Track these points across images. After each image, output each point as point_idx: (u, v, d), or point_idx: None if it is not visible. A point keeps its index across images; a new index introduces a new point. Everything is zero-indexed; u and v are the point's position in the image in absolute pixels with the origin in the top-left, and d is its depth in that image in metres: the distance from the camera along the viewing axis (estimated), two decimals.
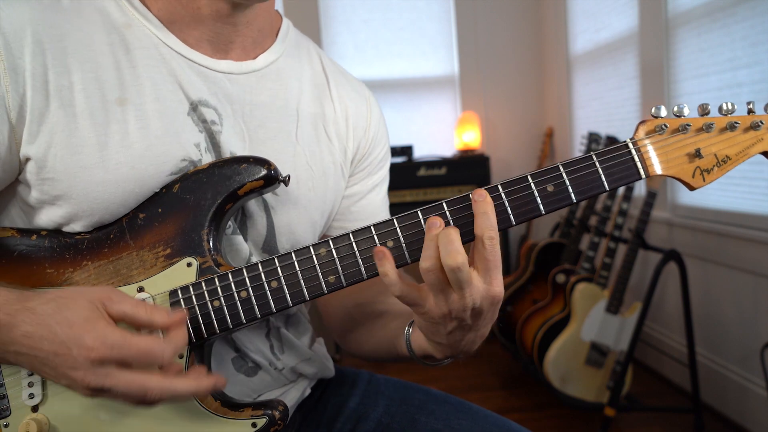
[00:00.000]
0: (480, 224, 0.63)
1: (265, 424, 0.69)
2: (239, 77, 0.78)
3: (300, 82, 0.85)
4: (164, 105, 0.72)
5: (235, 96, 0.77)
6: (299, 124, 0.82)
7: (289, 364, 0.85)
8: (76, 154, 0.67)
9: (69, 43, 0.68)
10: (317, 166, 0.83)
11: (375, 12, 3.62)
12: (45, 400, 0.69)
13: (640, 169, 0.67)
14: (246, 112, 0.78)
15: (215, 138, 0.75)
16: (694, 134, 0.68)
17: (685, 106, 0.67)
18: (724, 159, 0.68)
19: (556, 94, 3.61)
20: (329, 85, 0.88)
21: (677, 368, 2.50)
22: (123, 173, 0.69)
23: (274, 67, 0.82)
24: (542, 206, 0.67)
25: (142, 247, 0.70)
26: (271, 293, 0.69)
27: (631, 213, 2.45)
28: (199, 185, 0.71)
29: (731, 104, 0.68)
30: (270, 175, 0.71)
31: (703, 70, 2.28)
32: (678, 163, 0.68)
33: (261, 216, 0.78)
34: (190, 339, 0.69)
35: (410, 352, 0.75)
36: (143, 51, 0.72)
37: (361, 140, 0.90)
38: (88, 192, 0.68)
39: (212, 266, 0.70)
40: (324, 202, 0.85)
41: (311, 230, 0.84)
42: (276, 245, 0.80)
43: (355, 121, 0.89)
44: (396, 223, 0.68)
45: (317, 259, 0.69)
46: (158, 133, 0.71)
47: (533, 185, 0.67)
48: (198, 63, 0.75)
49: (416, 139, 3.62)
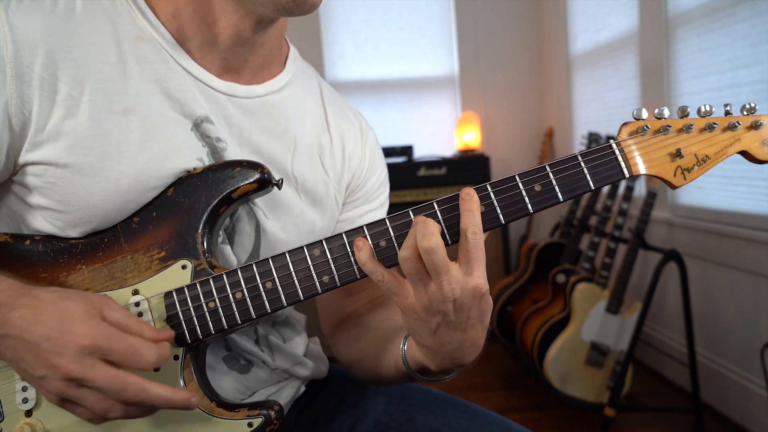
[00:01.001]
0: (465, 220, 0.64)
1: (261, 424, 0.69)
2: (242, 101, 0.78)
3: (302, 112, 0.85)
4: (168, 119, 0.72)
5: (235, 119, 0.78)
6: (296, 152, 0.83)
7: (282, 366, 0.86)
8: (78, 163, 0.68)
9: (79, 54, 0.68)
10: (308, 194, 0.84)
11: (375, 12, 3.62)
12: (39, 404, 0.69)
13: (624, 168, 0.69)
14: (243, 136, 0.78)
15: (219, 154, 0.75)
16: (675, 135, 0.70)
17: (666, 108, 0.70)
18: (703, 158, 0.71)
19: (556, 94, 3.61)
20: (327, 117, 0.89)
21: (677, 368, 2.50)
22: (125, 184, 0.69)
23: (278, 95, 0.82)
24: (530, 205, 0.68)
25: (136, 251, 0.70)
26: (266, 294, 0.70)
27: (631, 213, 2.45)
28: (194, 189, 0.71)
29: (709, 106, 0.71)
30: (263, 178, 0.72)
31: (703, 70, 2.28)
32: (660, 162, 0.70)
33: (250, 235, 0.79)
34: (185, 340, 0.70)
35: (405, 365, 0.75)
36: (151, 65, 0.72)
37: (356, 171, 0.91)
38: (88, 200, 0.69)
39: (207, 268, 0.71)
40: (312, 231, 0.85)
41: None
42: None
43: (350, 153, 0.90)
44: (388, 223, 0.68)
45: (311, 259, 0.69)
46: (162, 146, 0.71)
47: (521, 185, 0.68)
48: (202, 81, 0.75)
49: (416, 139, 3.62)
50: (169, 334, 0.66)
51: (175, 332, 0.69)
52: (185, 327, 0.70)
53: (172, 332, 0.68)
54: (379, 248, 0.68)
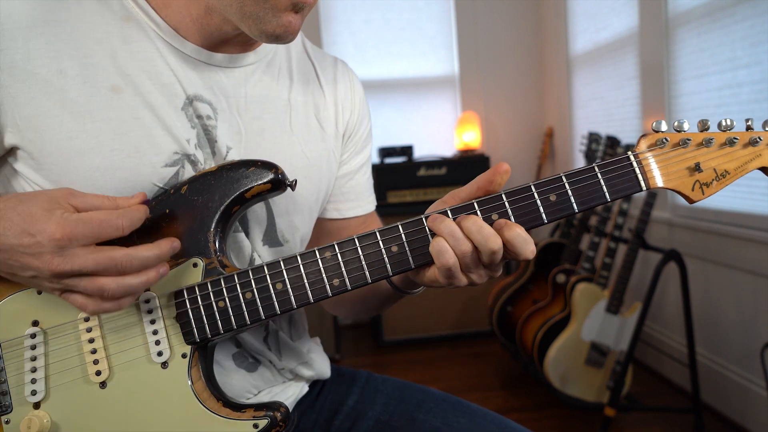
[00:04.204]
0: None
1: (267, 425, 0.69)
2: (235, 70, 0.79)
3: (290, 72, 0.86)
4: (158, 98, 0.72)
5: (231, 89, 0.78)
6: (292, 113, 0.84)
7: (288, 366, 0.87)
8: (71, 139, 0.68)
9: (63, 29, 0.69)
10: (311, 153, 0.85)
11: (375, 12, 3.62)
12: (47, 396, 0.69)
13: (641, 181, 0.68)
14: (241, 104, 0.79)
15: (210, 133, 0.76)
16: (695, 149, 0.69)
17: (686, 121, 0.69)
18: (723, 173, 0.70)
19: (556, 94, 3.62)
20: (316, 71, 0.90)
21: (677, 368, 2.51)
22: (119, 160, 0.70)
23: (267, 59, 0.83)
24: (545, 215, 0.68)
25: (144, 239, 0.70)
26: (276, 295, 0.70)
27: (631, 213, 2.45)
28: (207, 187, 0.71)
29: (730, 120, 0.69)
30: (277, 179, 0.72)
31: (703, 70, 2.28)
32: (678, 176, 0.69)
33: (261, 206, 0.80)
34: (195, 339, 0.70)
35: (391, 284, 0.79)
36: (140, 44, 0.73)
37: (348, 121, 0.92)
38: (86, 178, 0.69)
39: (217, 267, 0.71)
40: (318, 189, 0.87)
41: (308, 216, 0.87)
42: (276, 234, 0.82)
43: (342, 104, 0.91)
44: (401, 229, 0.69)
45: (322, 262, 0.69)
46: (152, 124, 0.71)
47: (536, 194, 0.68)
48: (193, 57, 0.76)
49: (416, 139, 3.62)
50: (142, 195, 0.67)
51: (146, 194, 0.69)
52: (194, 325, 0.70)
53: (144, 193, 0.68)
54: (390, 253, 0.68)
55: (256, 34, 0.72)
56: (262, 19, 0.70)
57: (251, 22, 0.71)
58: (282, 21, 0.71)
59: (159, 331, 0.70)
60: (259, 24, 0.71)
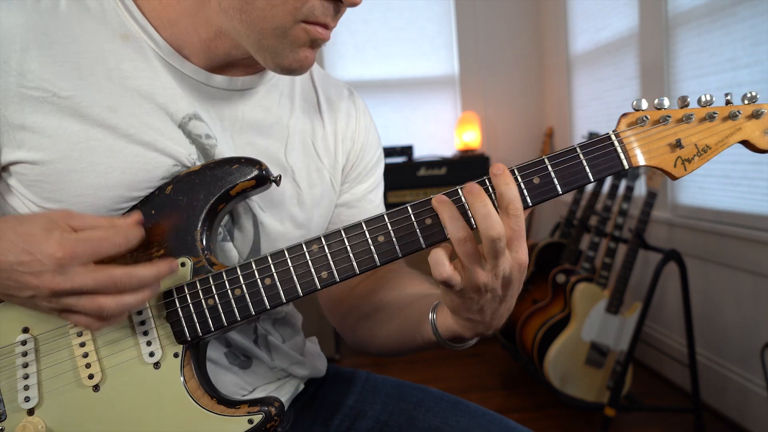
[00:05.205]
0: (506, 195, 0.64)
1: (262, 421, 0.69)
2: (233, 93, 0.79)
3: (292, 98, 0.85)
4: (155, 117, 0.72)
5: (227, 113, 0.78)
6: (288, 140, 0.83)
7: (280, 365, 0.86)
8: (65, 159, 0.68)
9: (58, 51, 0.68)
10: (304, 182, 0.84)
11: (375, 12, 3.62)
12: (41, 403, 0.69)
13: (623, 159, 0.69)
14: (236, 128, 0.78)
15: (209, 151, 0.75)
16: (675, 125, 0.70)
17: (665, 98, 0.69)
18: (704, 148, 0.70)
19: (556, 94, 3.61)
20: (318, 100, 0.89)
21: (677, 368, 2.50)
22: (114, 177, 0.69)
23: (269, 84, 0.82)
24: (529, 198, 0.68)
25: (136, 249, 0.70)
26: (265, 290, 0.70)
27: (631, 213, 2.44)
28: (192, 186, 0.71)
29: (709, 95, 0.70)
30: (261, 175, 0.72)
31: (703, 70, 2.28)
32: (660, 153, 0.70)
33: (249, 230, 0.79)
34: (186, 338, 0.70)
35: (436, 335, 0.75)
36: (136, 63, 0.72)
37: (350, 152, 0.91)
38: (78, 195, 0.69)
39: (206, 265, 0.71)
40: (310, 219, 0.85)
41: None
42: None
43: (343, 134, 0.90)
44: (386, 219, 0.69)
45: (309, 255, 0.69)
46: (148, 141, 0.71)
47: (519, 177, 0.68)
48: (191, 77, 0.75)
49: (416, 139, 3.62)
50: (137, 216, 0.68)
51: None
52: (185, 324, 0.70)
53: (139, 213, 0.69)
54: (377, 243, 0.68)
55: (271, 66, 0.72)
56: (280, 53, 0.70)
57: (267, 54, 0.71)
58: (299, 56, 0.71)
59: (150, 331, 0.70)
60: (276, 57, 0.71)
